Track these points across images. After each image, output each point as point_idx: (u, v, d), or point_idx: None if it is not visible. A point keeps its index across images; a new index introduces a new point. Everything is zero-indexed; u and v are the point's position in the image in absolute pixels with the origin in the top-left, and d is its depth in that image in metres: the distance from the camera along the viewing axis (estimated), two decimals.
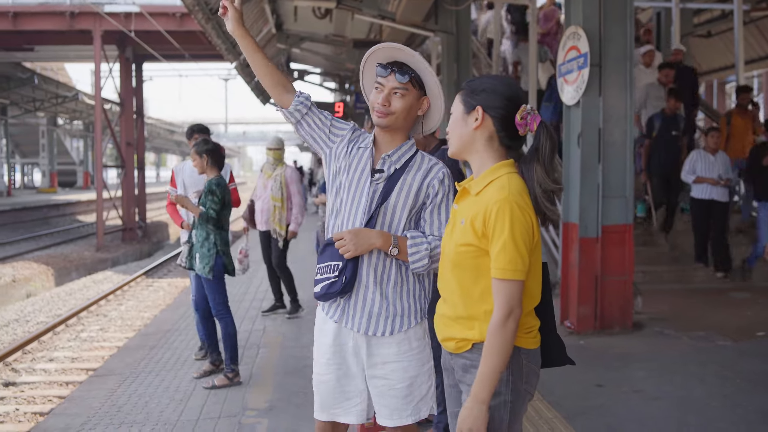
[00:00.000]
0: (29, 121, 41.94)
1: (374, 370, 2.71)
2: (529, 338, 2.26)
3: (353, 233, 2.61)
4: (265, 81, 2.83)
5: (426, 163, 2.75)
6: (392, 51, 2.69)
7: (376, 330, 2.69)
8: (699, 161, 8.95)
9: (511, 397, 2.23)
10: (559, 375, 5.25)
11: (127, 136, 24.63)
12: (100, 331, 10.77)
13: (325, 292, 2.66)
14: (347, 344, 2.73)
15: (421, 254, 2.65)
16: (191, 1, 10.86)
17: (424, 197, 2.71)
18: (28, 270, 16.55)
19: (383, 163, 2.72)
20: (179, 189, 6.24)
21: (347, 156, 2.76)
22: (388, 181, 2.69)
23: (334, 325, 2.73)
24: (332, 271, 2.65)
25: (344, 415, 2.78)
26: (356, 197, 2.71)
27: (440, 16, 11.45)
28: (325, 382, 2.77)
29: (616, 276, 6.65)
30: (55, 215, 31.26)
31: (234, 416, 4.82)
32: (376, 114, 2.68)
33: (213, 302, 5.56)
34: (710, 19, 15.20)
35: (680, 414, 4.60)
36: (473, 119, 2.27)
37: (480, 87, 2.29)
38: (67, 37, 23.20)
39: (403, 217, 2.70)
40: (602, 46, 6.52)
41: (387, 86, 2.66)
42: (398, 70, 2.65)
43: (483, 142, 2.28)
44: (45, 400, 7.43)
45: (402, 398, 2.71)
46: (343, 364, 2.74)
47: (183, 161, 6.48)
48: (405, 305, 2.72)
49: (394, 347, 2.70)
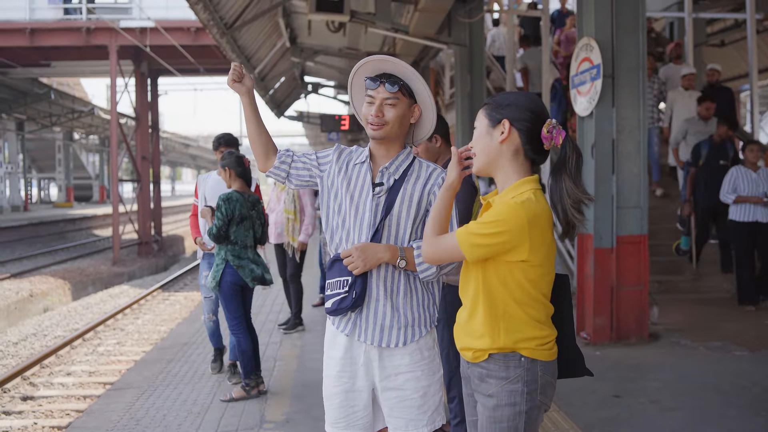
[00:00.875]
0: (46, 136, 42.36)
1: (387, 382, 2.73)
2: (544, 351, 2.29)
3: (360, 249, 2.63)
4: (256, 147, 2.85)
5: (425, 170, 2.77)
6: (379, 63, 2.72)
7: (389, 341, 2.71)
8: (740, 179, 7.98)
9: (526, 407, 2.26)
10: (575, 386, 5.27)
11: (143, 150, 24.79)
12: (117, 345, 10.84)
13: (336, 307, 2.69)
14: (358, 357, 2.75)
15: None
16: (206, 16, 10.96)
17: (427, 204, 2.73)
18: (45, 284, 16.65)
19: (382, 176, 2.73)
20: (200, 200, 6.21)
21: (343, 174, 2.77)
22: (389, 193, 2.71)
23: (345, 338, 2.75)
24: (342, 287, 2.67)
25: (351, 429, 2.79)
26: (359, 212, 2.72)
27: (453, 29, 11.51)
28: (335, 394, 2.79)
29: (631, 286, 6.65)
30: (71, 230, 31.49)
31: (251, 429, 4.85)
32: (371, 127, 2.69)
33: (226, 317, 5.59)
34: (723, 28, 15.19)
35: (698, 425, 4.59)
36: (499, 132, 2.31)
37: (505, 101, 2.33)
38: (83, 53, 23.46)
39: (408, 227, 2.71)
40: (615, 58, 6.56)
41: (378, 98, 2.68)
42: (387, 80, 2.67)
43: (509, 156, 2.32)
44: (63, 414, 7.48)
45: (417, 408, 2.72)
46: (352, 377, 2.76)
47: (207, 173, 6.49)
48: (415, 315, 2.74)
49: (406, 358, 2.72)
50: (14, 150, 38.56)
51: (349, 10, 9.73)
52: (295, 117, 26.04)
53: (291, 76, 20.53)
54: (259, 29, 14.29)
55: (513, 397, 2.24)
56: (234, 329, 5.56)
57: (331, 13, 10.08)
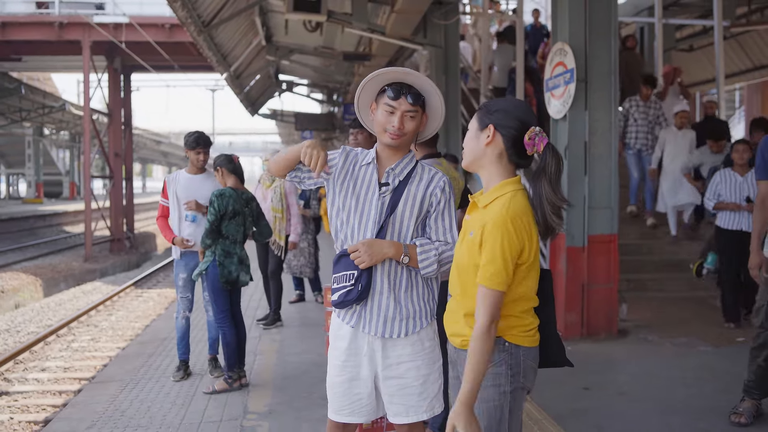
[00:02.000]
0: (15, 131, 41.78)
1: (389, 371, 2.89)
2: (527, 337, 2.46)
3: (367, 245, 2.78)
4: (282, 169, 2.99)
5: (427, 173, 2.93)
6: (402, 75, 2.85)
7: (392, 332, 2.87)
8: (723, 183, 7.20)
9: (510, 388, 2.43)
10: (547, 379, 5.46)
11: (115, 146, 24.68)
12: (91, 341, 10.85)
13: (342, 299, 2.83)
14: (362, 347, 2.90)
15: (431, 260, 2.84)
16: (184, 14, 11.00)
17: (428, 206, 2.89)
18: (17, 281, 16.56)
19: (387, 176, 2.89)
20: (172, 200, 6.10)
21: (350, 175, 2.92)
22: (394, 193, 2.87)
23: (351, 329, 2.90)
24: (348, 280, 2.82)
25: (355, 416, 2.94)
26: (365, 210, 2.88)
27: (429, 30, 11.66)
28: (339, 383, 2.93)
29: (601, 284, 6.87)
30: (41, 226, 31.19)
31: (235, 419, 4.98)
32: (390, 136, 2.83)
33: (213, 309, 5.71)
34: (692, 33, 15.54)
35: (663, 414, 4.81)
36: (485, 136, 2.47)
37: (495, 107, 2.49)
38: (55, 48, 23.25)
39: (410, 225, 2.88)
40: (588, 62, 6.76)
41: (400, 109, 2.81)
42: (409, 93, 2.82)
43: (493, 158, 2.48)
44: (39, 409, 7.50)
45: (417, 395, 2.89)
46: (356, 366, 2.91)
47: (177, 171, 6.44)
48: (416, 308, 2.90)
49: (408, 348, 2.88)
50: None
51: (326, 10, 9.84)
52: (269, 115, 26.09)
53: (266, 74, 20.56)
54: (236, 27, 14.33)
55: (497, 379, 2.41)
56: (220, 322, 5.65)
57: (308, 13, 10.16)
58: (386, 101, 2.83)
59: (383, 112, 2.85)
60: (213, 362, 6.20)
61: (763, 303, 4.51)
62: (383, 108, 2.84)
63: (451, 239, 2.91)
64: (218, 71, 16.54)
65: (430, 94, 2.89)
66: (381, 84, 2.89)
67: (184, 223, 6.04)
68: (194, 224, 5.99)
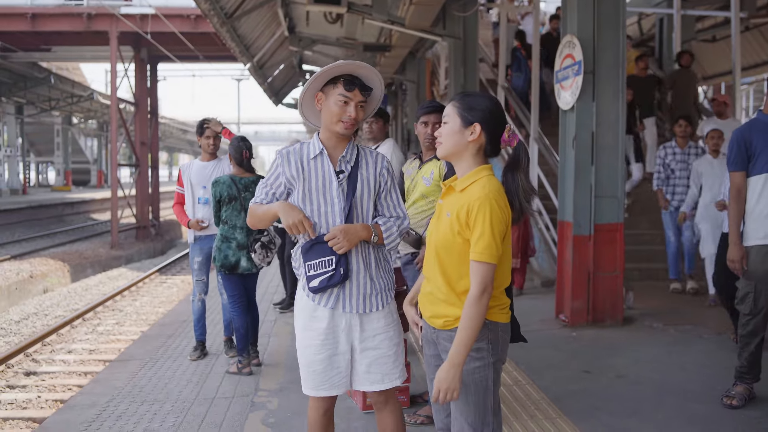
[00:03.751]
0: (44, 120, 42.49)
1: (366, 343, 3.11)
2: (503, 314, 2.69)
3: (344, 231, 2.98)
4: (259, 226, 3.24)
5: (371, 156, 3.17)
6: (353, 67, 3.04)
7: (371, 307, 3.10)
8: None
9: (492, 360, 2.66)
10: (549, 363, 5.71)
11: (142, 135, 25.09)
12: (116, 325, 11.20)
13: (326, 284, 3.02)
14: (340, 325, 3.10)
15: (394, 235, 3.13)
16: (206, 6, 11.23)
17: (378, 186, 3.15)
18: (45, 266, 16.97)
19: (341, 164, 3.10)
20: (186, 187, 6.40)
21: (303, 172, 3.08)
22: (350, 178, 3.09)
23: (329, 311, 3.10)
24: (328, 266, 3.01)
25: (334, 389, 3.15)
26: (328, 199, 3.07)
27: (448, 22, 11.81)
28: (319, 361, 3.11)
29: (607, 272, 7.00)
30: (69, 213, 31.76)
31: (247, 396, 5.22)
32: (345, 125, 3.02)
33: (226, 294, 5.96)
34: (714, 24, 15.49)
35: (658, 396, 4.96)
36: (470, 133, 2.68)
37: (477, 106, 2.69)
38: (83, 38, 23.69)
39: (370, 206, 3.13)
40: (596, 54, 6.88)
41: (354, 100, 3.02)
42: (361, 84, 3.03)
43: (473, 152, 2.70)
44: (65, 389, 7.83)
45: (392, 363, 3.13)
46: (335, 342, 3.11)
47: (191, 160, 6.70)
48: (386, 281, 3.17)
49: (382, 320, 3.13)
50: (13, 134, 38.73)
51: (347, 2, 10.01)
52: (292, 105, 26.32)
53: (289, 65, 20.79)
54: (258, 18, 14.54)
55: (480, 353, 2.63)
56: (231, 307, 5.84)
57: (328, 5, 10.36)
58: (341, 92, 3.01)
59: (337, 103, 3.02)
60: (228, 343, 6.44)
61: (748, 291, 4.64)
62: (336, 99, 3.01)
63: (402, 213, 3.19)
64: (242, 61, 16.77)
65: (376, 85, 3.12)
66: (331, 76, 3.05)
67: (197, 205, 6.31)
68: (207, 206, 6.23)
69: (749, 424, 4.44)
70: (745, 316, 4.69)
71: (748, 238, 4.66)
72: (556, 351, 6.15)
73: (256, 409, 4.93)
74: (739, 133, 4.71)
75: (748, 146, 4.64)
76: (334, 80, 3.04)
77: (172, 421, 4.75)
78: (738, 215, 4.70)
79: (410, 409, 4.68)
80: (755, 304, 4.61)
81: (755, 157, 4.62)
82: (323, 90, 3.07)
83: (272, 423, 4.67)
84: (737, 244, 4.68)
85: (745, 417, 4.53)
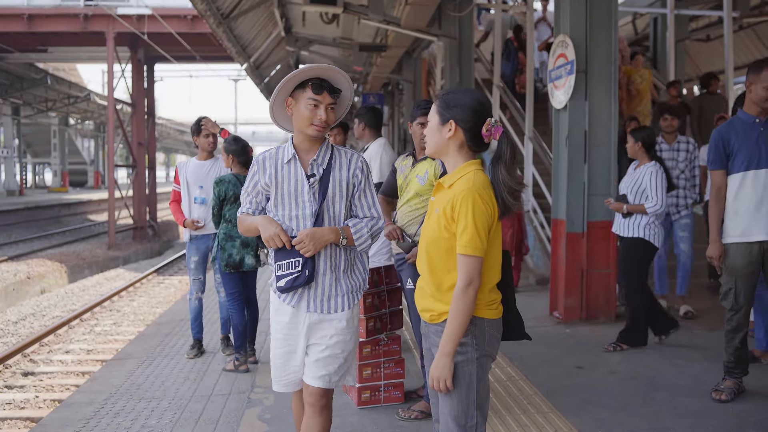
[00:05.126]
0: (41, 121, 42.51)
1: (321, 340, 3.16)
2: (490, 310, 2.72)
3: (310, 235, 3.03)
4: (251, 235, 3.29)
5: (345, 157, 3.20)
6: (322, 71, 3.08)
7: (332, 308, 3.16)
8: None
9: (477, 355, 2.69)
10: (543, 359, 5.77)
11: (139, 136, 25.12)
12: (113, 326, 11.25)
13: (291, 285, 3.08)
14: (300, 323, 3.17)
15: (365, 236, 3.15)
16: (203, 7, 11.29)
17: (352, 187, 3.18)
18: (42, 267, 17.02)
19: (312, 167, 3.14)
20: (183, 186, 6.44)
21: (277, 177, 3.14)
22: (321, 181, 3.13)
23: (292, 308, 3.17)
24: (294, 267, 3.06)
25: (291, 386, 3.28)
26: (299, 202, 3.12)
27: (443, 22, 11.86)
28: (280, 355, 3.22)
29: (600, 269, 7.06)
30: (66, 214, 31.81)
31: (243, 392, 5.28)
32: (316, 128, 3.07)
33: (223, 292, 6.01)
34: (708, 23, 15.57)
35: (649, 390, 5.03)
36: (447, 130, 2.72)
37: (453, 102, 2.73)
38: (80, 39, 23.73)
39: (342, 208, 3.16)
40: (588, 54, 6.95)
41: (324, 102, 3.06)
42: (330, 87, 3.08)
43: (455, 148, 2.74)
44: (63, 389, 7.89)
45: (337, 366, 3.18)
46: (294, 340, 3.19)
47: (188, 158, 6.74)
48: (354, 283, 3.22)
49: (343, 322, 3.18)
50: (10, 134, 38.80)
51: (342, 2, 10.07)
52: None
53: (286, 65, 20.80)
54: (255, 19, 14.59)
55: (464, 347, 2.66)
56: (228, 305, 5.90)
57: (324, 5, 10.42)
58: (310, 96, 3.05)
59: (307, 107, 3.06)
60: (225, 341, 6.49)
61: (730, 287, 4.72)
62: (306, 103, 3.06)
63: (376, 213, 3.22)
64: (238, 62, 16.82)
65: (344, 86, 3.16)
66: (298, 81, 3.09)
67: (193, 205, 6.35)
68: (203, 206, 6.28)
69: (737, 417, 4.51)
70: (728, 312, 4.77)
71: (727, 236, 4.74)
72: (549, 347, 6.21)
73: (252, 406, 5.00)
74: (717, 133, 4.79)
75: (726, 145, 4.71)
76: (302, 85, 3.08)
77: (169, 418, 4.81)
78: (718, 213, 4.78)
79: (405, 405, 4.75)
80: (736, 300, 4.70)
81: (733, 155, 4.69)
82: (292, 95, 3.11)
83: (268, 419, 4.74)
84: (717, 242, 4.76)
85: (734, 410, 4.61)
